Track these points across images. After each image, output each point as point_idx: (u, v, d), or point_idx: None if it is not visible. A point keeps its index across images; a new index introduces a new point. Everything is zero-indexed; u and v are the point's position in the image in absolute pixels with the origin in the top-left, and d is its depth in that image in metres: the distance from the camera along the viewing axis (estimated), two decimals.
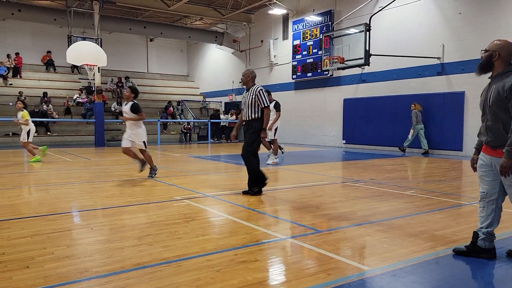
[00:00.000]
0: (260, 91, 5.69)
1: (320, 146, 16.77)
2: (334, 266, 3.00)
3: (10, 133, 16.61)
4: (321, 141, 17.33)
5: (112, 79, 21.96)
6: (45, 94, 18.74)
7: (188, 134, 20.17)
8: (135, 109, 7.26)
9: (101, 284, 2.67)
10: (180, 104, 22.67)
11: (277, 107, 9.86)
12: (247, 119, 5.77)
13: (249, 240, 3.62)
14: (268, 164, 9.59)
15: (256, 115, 5.70)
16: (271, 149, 10.14)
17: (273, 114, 9.67)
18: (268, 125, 9.43)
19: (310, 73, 17.47)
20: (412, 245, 3.53)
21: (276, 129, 9.88)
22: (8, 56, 19.94)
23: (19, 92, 18.21)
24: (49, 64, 21.65)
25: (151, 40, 25.35)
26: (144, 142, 7.39)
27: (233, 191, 6.00)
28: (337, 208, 4.98)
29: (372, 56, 12.06)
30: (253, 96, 5.68)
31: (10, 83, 19.37)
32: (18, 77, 20.00)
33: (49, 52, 21.55)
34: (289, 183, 7.10)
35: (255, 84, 5.86)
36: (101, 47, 15.57)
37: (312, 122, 17.78)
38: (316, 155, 13.07)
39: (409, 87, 13.84)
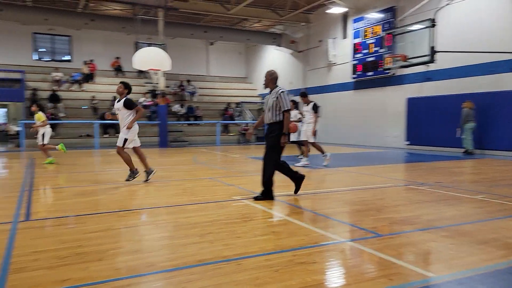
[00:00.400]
0: (282, 93, 5.40)
1: (381, 147, 16.23)
2: (396, 272, 2.91)
3: (83, 134, 17.93)
4: (383, 142, 16.77)
5: (175, 82, 22.92)
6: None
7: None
8: (127, 104, 6.92)
9: (167, 278, 2.82)
10: (239, 105, 23.08)
11: (315, 108, 9.39)
12: (268, 122, 5.51)
13: (308, 242, 3.62)
14: (296, 165, 9.18)
15: (277, 118, 5.40)
16: (305, 151, 9.71)
17: (312, 117, 9.32)
18: (311, 129, 9.31)
19: (371, 72, 16.97)
20: (482, 252, 3.32)
21: (315, 132, 9.45)
22: (85, 63, 21.55)
23: (92, 96, 19.63)
24: (118, 70, 23.09)
25: (211, 44, 26.09)
26: (125, 139, 6.87)
27: (290, 192, 6.01)
28: (399, 212, 4.81)
29: (438, 53, 11.45)
30: (274, 99, 5.42)
31: (83, 88, 20.93)
32: (91, 82, 21.54)
33: (117, 58, 22.98)
34: (348, 185, 6.97)
35: (277, 86, 5.56)
36: (165, 52, 16.33)
37: (372, 122, 17.26)
38: (377, 157, 12.67)
39: (478, 84, 12.95)
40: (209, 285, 2.68)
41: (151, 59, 15.30)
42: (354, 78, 17.88)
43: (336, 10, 17.76)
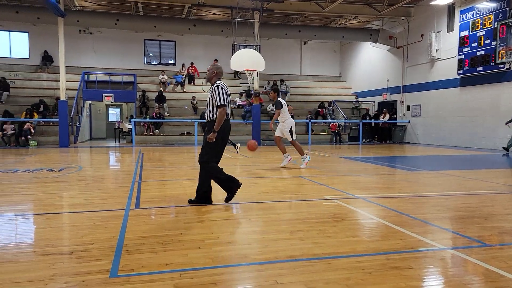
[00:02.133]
0: (216, 88, 4.97)
1: (490, 150, 14.65)
2: (505, 285, 2.64)
3: (185, 132, 19.28)
4: (493, 144, 15.12)
5: (268, 82, 23.40)
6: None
7: (338, 135, 20.11)
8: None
9: (258, 271, 2.92)
10: (331, 104, 22.72)
11: (277, 105, 9.23)
12: (206, 120, 5.11)
13: (403, 246, 3.45)
14: (301, 167, 8.98)
15: (213, 115, 4.98)
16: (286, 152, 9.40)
17: (282, 115, 9.23)
18: (286, 127, 9.23)
19: (481, 67, 15.40)
20: None
21: (290, 129, 9.23)
22: (183, 66, 23.16)
23: (192, 97, 21.00)
24: None
25: (304, 43, 26.07)
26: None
27: (385, 194, 5.76)
28: (511, 221, 4.32)
29: None
30: (210, 94, 5.03)
31: (178, 88, 22.50)
32: (193, 83, 23.04)
33: (216, 60, 24.22)
34: (451, 190, 6.44)
35: (218, 80, 5.18)
36: (259, 53, 16.77)
37: (481, 122, 15.66)
38: (485, 160, 11.47)
39: None
40: (299, 280, 2.72)
41: (247, 60, 15.83)
42: (460, 74, 16.40)
43: (441, 1, 16.47)
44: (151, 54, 24.08)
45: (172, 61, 24.19)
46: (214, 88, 4.99)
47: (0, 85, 18.53)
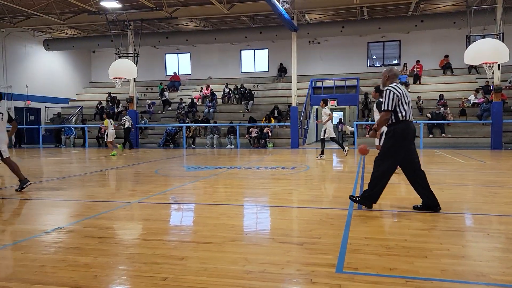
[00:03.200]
0: (386, 91, 4.78)
1: None
2: None
3: None
4: None
5: None
6: (441, 96, 19.33)
7: None
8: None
9: None
10: None
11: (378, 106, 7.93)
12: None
13: None
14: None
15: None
16: None
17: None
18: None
19: None
20: None
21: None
22: (405, 65, 21.99)
23: (418, 97, 19.74)
24: (446, 68, 22.13)
25: None
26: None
27: None
28: None
29: None
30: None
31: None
32: (418, 83, 21.67)
33: (446, 56, 22.03)
34: None
35: (392, 83, 4.89)
36: (502, 41, 14.32)
37: None
38: None
39: None
40: None
41: (486, 51, 13.77)
42: None
43: None
44: (374, 56, 23.96)
45: (396, 61, 23.41)
46: (385, 91, 4.83)
47: (247, 96, 22.09)
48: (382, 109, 4.77)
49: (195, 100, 22.30)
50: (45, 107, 23.55)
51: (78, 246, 3.61)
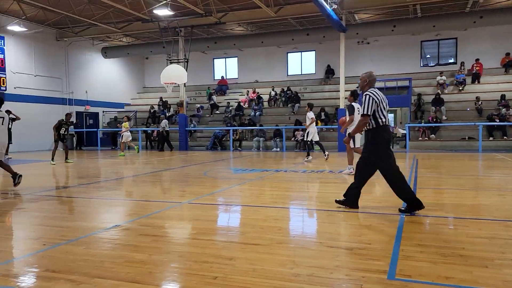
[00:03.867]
0: (365, 96, 4.88)
1: None
2: None
3: (466, 137, 17.34)
4: None
5: None
6: (503, 97, 18.15)
7: None
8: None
9: None
10: None
11: (349, 109, 8.55)
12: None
13: None
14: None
15: (370, 124, 4.96)
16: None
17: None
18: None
19: None
20: None
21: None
22: (462, 64, 20.83)
23: (476, 97, 18.66)
24: (508, 66, 20.75)
25: None
26: None
27: None
28: None
29: None
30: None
31: (460, 88, 20.25)
32: (477, 82, 20.49)
33: (508, 54, 20.67)
34: None
35: (369, 88, 5.01)
36: None
37: None
38: None
39: None
40: None
41: None
42: None
43: None
44: (428, 56, 22.97)
45: (452, 60, 22.30)
46: (365, 96, 4.91)
47: (294, 98, 22.02)
48: (361, 113, 4.86)
49: (241, 104, 22.57)
50: (103, 112, 24.89)
51: (134, 244, 3.78)
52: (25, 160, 14.35)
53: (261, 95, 23.01)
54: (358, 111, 8.36)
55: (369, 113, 4.78)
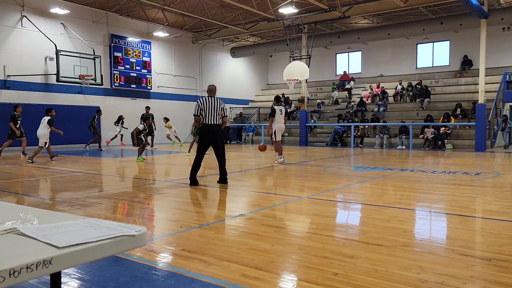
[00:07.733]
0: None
1: None
2: None
3: None
4: None
5: None
6: None
7: None
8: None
9: None
10: None
11: (271, 112, 10.76)
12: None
13: None
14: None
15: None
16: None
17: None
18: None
19: None
20: None
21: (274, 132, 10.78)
22: None
23: None
24: None
25: None
26: None
27: None
28: None
29: None
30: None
31: None
32: None
33: None
34: None
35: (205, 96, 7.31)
36: None
37: None
38: None
39: None
40: None
41: None
42: None
43: None
44: None
45: None
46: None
47: (423, 93, 20.37)
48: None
49: (364, 99, 21.79)
50: (230, 108, 26.61)
51: (257, 233, 4.00)
52: (164, 151, 16.22)
53: (385, 90, 21.88)
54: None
55: (195, 113, 7.01)
